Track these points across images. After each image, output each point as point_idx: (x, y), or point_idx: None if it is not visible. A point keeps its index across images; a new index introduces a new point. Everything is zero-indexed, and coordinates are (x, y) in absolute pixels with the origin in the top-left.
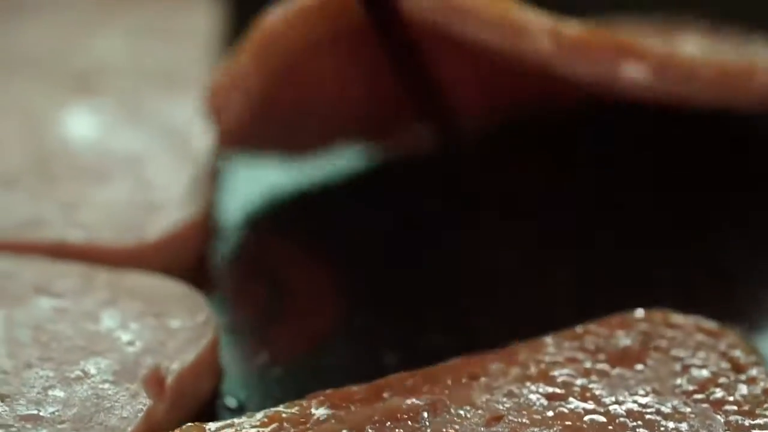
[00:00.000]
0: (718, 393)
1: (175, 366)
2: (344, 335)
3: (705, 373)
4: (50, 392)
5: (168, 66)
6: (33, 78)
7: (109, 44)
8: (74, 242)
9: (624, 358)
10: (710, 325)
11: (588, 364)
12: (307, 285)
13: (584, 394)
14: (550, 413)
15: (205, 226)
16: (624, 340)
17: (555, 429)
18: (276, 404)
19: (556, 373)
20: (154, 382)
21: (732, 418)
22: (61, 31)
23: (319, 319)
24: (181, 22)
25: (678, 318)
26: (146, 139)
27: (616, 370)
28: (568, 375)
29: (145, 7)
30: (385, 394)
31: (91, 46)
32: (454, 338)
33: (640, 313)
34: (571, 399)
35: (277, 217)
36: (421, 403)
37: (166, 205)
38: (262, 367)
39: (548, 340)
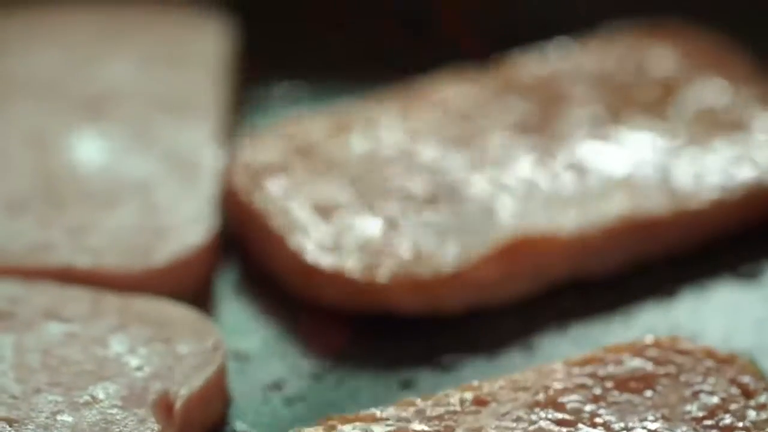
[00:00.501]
0: (728, 419)
1: (183, 391)
2: (353, 358)
3: (715, 399)
4: (59, 417)
5: (177, 92)
6: (43, 102)
7: (120, 70)
8: (82, 267)
9: (633, 384)
10: (720, 351)
11: (597, 391)
12: (316, 308)
13: (593, 420)
14: None
15: (213, 250)
16: (633, 365)
17: None
18: (284, 430)
19: (565, 399)
20: (163, 407)
21: None
22: (72, 56)
23: (328, 342)
24: (190, 48)
25: (687, 344)
26: (154, 165)
27: (625, 396)
28: (577, 401)
29: (155, 33)
30: (393, 420)
31: (102, 71)
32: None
33: (649, 339)
34: (580, 425)
35: None
36: (429, 429)
37: (173, 230)
38: (270, 392)
39: (557, 366)
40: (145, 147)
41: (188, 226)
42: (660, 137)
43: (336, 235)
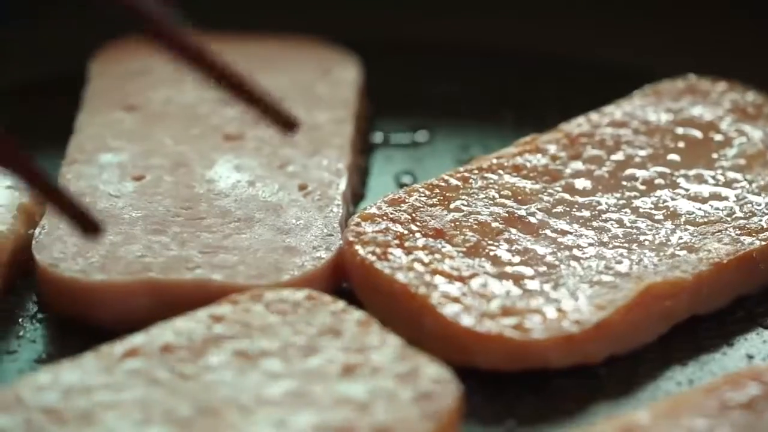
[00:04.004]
0: None
1: None
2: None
3: None
4: None
5: (311, 123)
6: (186, 129)
7: None
8: (216, 282)
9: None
10: None
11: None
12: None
13: None
14: None
15: (338, 268)
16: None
17: None
18: None
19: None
20: None
21: None
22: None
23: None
24: (325, 83)
25: None
26: (286, 189)
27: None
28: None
29: (292, 65)
30: None
31: None
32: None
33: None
34: None
35: None
36: None
37: (301, 249)
38: None
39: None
40: (278, 173)
41: (316, 244)
42: (729, 181)
43: (479, 298)
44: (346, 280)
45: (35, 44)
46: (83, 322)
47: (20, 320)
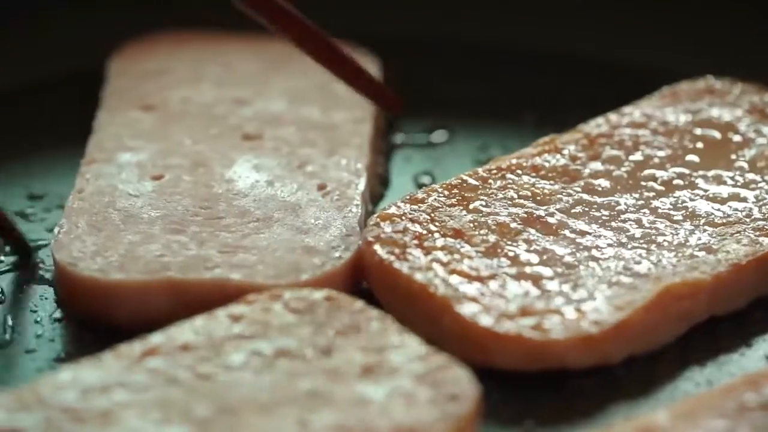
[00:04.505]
0: None
1: None
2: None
3: None
4: None
5: (329, 122)
6: (205, 129)
7: (275, 101)
8: (234, 281)
9: None
10: None
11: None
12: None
13: None
14: None
15: (357, 268)
16: None
17: None
18: None
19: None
20: None
21: None
22: (234, 88)
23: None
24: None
25: None
26: (305, 189)
27: None
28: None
29: (312, 66)
30: None
31: (260, 102)
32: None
33: None
34: None
35: None
36: None
37: (320, 249)
38: None
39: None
40: (297, 173)
41: (335, 244)
42: (748, 182)
43: (498, 298)
44: (365, 280)
45: (52, 42)
46: (102, 322)
47: (39, 319)
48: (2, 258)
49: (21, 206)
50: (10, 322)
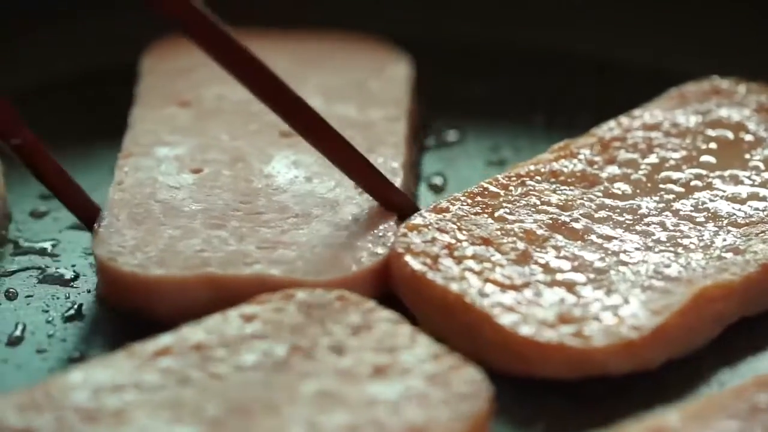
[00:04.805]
0: None
1: None
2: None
3: None
4: None
5: (365, 120)
6: (242, 125)
7: (312, 97)
8: (273, 277)
9: None
10: None
11: None
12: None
13: None
14: None
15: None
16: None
17: None
18: None
19: None
20: None
21: None
22: None
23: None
24: (380, 79)
25: None
26: (343, 185)
27: None
28: None
29: (347, 62)
30: None
31: None
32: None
33: None
34: None
35: None
36: None
37: (358, 246)
38: None
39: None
40: (334, 170)
41: (372, 241)
42: (765, 181)
43: (535, 306)
44: (395, 290)
45: (88, 38)
46: (143, 316)
47: (50, 319)
48: (14, 257)
49: (35, 205)
50: (21, 322)
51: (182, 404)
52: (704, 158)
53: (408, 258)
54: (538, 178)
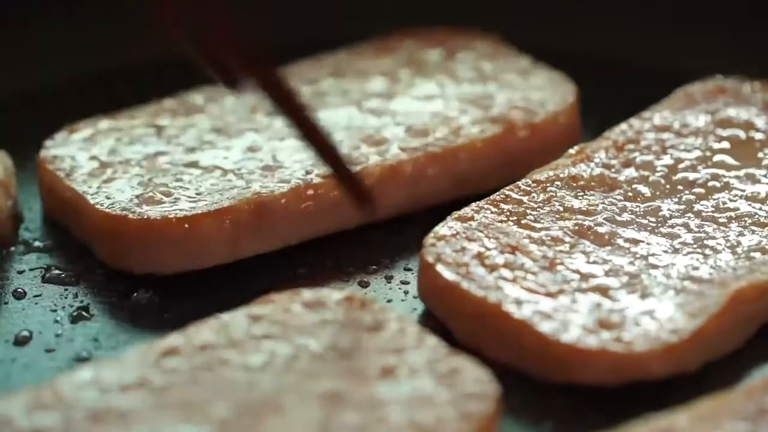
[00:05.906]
0: None
1: None
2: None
3: None
4: None
5: None
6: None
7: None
8: None
9: None
10: None
11: None
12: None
13: None
14: None
15: None
16: None
17: None
18: None
19: None
20: None
21: None
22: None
23: None
24: None
25: None
26: None
27: None
28: None
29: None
30: None
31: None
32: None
33: None
34: None
35: None
36: None
37: None
38: None
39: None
40: None
41: None
42: None
43: (572, 313)
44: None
45: (127, 32)
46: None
47: (58, 319)
48: (23, 257)
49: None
50: (29, 322)
51: (190, 404)
52: (718, 158)
53: (440, 268)
54: (558, 183)
